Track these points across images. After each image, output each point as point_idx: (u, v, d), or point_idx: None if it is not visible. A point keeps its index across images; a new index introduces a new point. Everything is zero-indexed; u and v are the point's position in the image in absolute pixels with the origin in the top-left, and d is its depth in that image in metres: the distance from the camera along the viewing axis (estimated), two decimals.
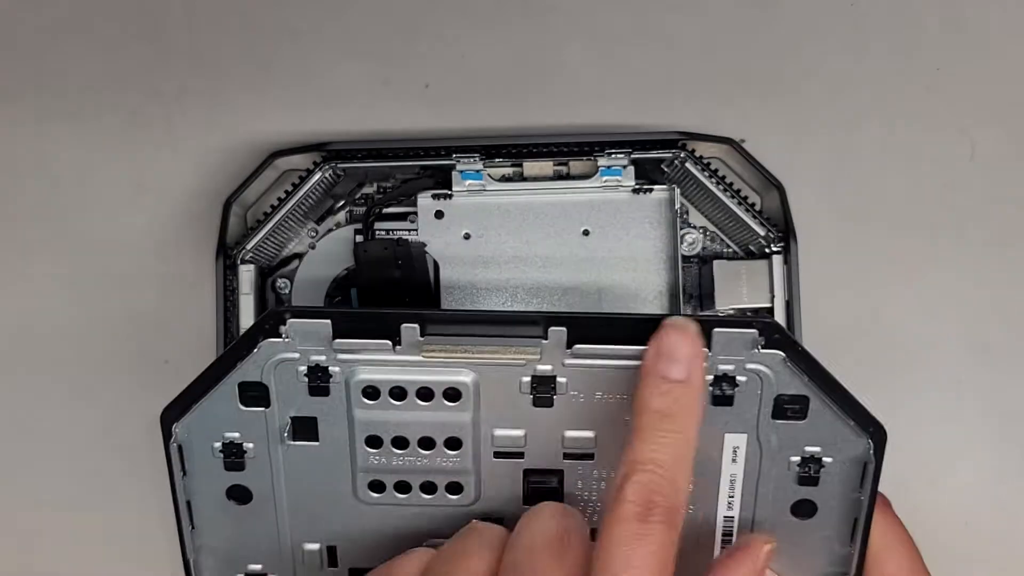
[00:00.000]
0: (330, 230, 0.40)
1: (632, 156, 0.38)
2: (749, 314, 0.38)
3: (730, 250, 0.40)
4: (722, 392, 0.30)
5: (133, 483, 0.42)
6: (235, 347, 0.30)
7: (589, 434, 0.31)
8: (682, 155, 0.38)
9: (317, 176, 0.38)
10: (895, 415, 0.41)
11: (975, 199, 0.41)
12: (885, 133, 0.41)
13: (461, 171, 0.38)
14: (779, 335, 0.29)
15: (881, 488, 0.31)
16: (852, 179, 0.41)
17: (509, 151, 0.38)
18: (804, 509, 0.32)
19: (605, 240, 0.39)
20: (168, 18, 0.42)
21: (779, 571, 0.33)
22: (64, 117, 0.42)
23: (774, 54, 0.41)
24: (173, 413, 0.31)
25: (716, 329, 0.29)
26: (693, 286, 0.40)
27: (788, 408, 0.30)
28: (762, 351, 0.29)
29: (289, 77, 0.42)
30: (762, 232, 0.38)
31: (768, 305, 0.38)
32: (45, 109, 0.42)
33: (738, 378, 0.29)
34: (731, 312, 0.39)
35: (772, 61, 0.41)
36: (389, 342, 0.30)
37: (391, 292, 0.38)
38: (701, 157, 0.38)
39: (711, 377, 0.29)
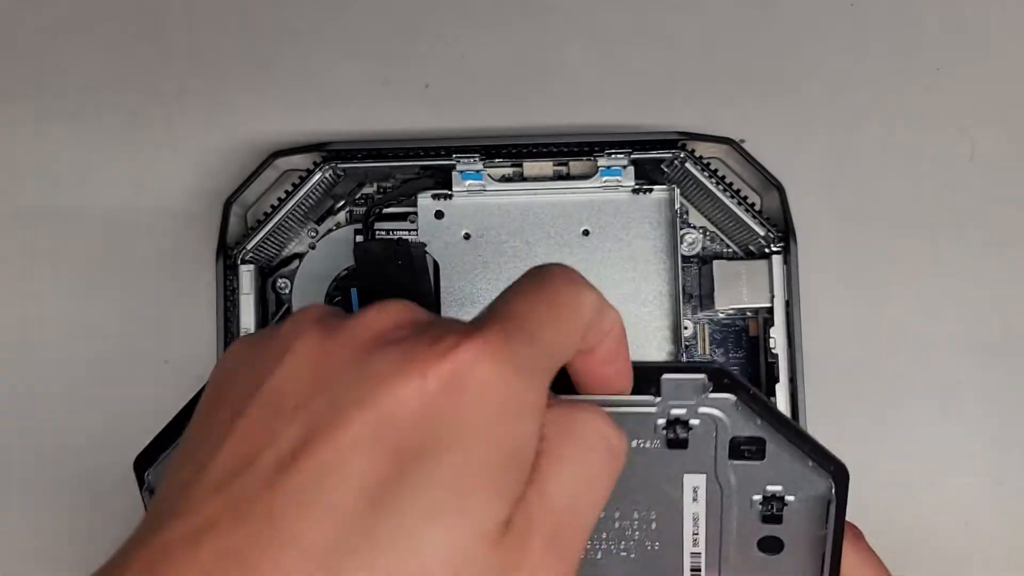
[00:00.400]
0: (330, 230, 0.40)
1: (632, 156, 0.38)
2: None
3: (730, 250, 0.40)
4: (676, 436, 0.30)
5: (133, 483, 0.42)
6: (194, 400, 0.31)
7: None
8: (682, 155, 0.38)
9: (317, 176, 0.38)
10: (896, 415, 0.41)
11: (975, 199, 0.41)
12: (885, 133, 0.41)
13: (461, 171, 0.38)
14: (728, 380, 0.29)
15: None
16: (852, 179, 0.41)
17: (509, 151, 0.38)
18: (771, 545, 0.31)
19: (605, 240, 0.39)
20: (168, 18, 0.42)
21: None
22: (64, 117, 0.42)
23: (774, 54, 0.41)
24: (145, 462, 0.31)
25: (664, 375, 0.29)
26: (693, 286, 0.40)
27: (745, 449, 0.30)
28: (712, 395, 0.29)
29: (289, 77, 0.42)
30: (762, 232, 0.38)
31: (768, 305, 0.38)
32: (45, 109, 0.42)
33: (691, 421, 0.29)
34: (731, 311, 0.39)
35: (772, 61, 0.41)
36: None
37: (391, 293, 0.38)
38: (701, 157, 0.38)
39: (663, 421, 0.29)
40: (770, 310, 0.38)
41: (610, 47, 0.41)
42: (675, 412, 0.29)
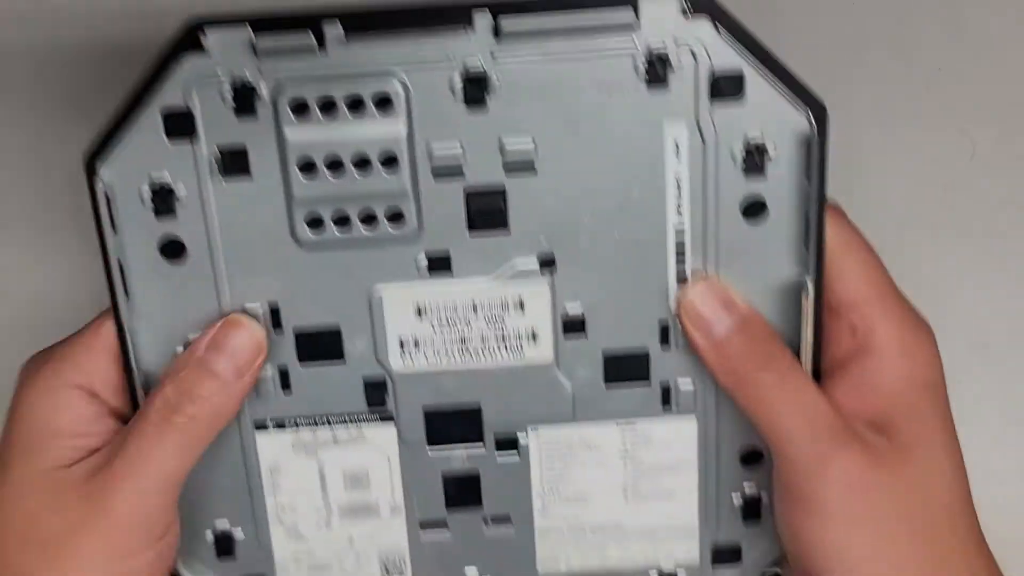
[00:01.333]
0: None
1: None
2: None
3: None
4: (655, 73, 0.29)
5: None
6: (155, 66, 0.29)
7: (527, 140, 0.30)
8: None
9: None
10: None
11: (975, 199, 0.41)
12: (885, 133, 0.41)
13: None
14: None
15: None
16: (852, 179, 0.41)
17: None
18: (755, 211, 0.31)
19: None
20: (168, 18, 0.42)
21: (737, 280, 0.31)
22: (64, 117, 0.42)
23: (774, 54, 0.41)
24: (95, 151, 0.30)
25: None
26: None
27: (724, 86, 0.29)
28: (690, 20, 0.28)
29: None
30: None
31: None
32: (45, 109, 0.42)
33: (671, 58, 0.29)
34: None
35: None
36: (313, 39, 0.28)
37: None
38: None
39: (643, 57, 0.29)
40: None
41: None
42: (655, 46, 0.29)
